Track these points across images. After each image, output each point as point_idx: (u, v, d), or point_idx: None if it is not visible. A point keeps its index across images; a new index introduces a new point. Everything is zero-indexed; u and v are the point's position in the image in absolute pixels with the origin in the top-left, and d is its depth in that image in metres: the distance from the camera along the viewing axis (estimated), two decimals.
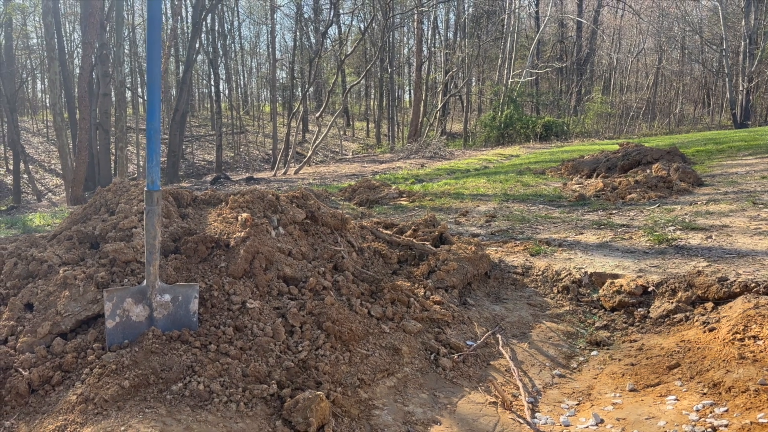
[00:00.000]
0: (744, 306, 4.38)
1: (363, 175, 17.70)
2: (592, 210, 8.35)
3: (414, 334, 4.20)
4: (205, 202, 4.62)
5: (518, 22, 35.02)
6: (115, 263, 3.78)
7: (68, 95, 23.28)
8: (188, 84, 22.99)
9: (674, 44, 41.89)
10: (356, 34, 35.57)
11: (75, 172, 15.66)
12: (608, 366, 4.21)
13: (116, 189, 4.41)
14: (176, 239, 4.00)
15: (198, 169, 29.72)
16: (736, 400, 3.39)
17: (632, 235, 6.56)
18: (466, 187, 11.73)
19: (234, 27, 39.46)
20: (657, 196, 8.76)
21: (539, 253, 6.13)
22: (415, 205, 9.74)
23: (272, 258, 4.13)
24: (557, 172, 13.16)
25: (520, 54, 36.17)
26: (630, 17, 42.03)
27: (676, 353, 4.12)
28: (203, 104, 44.73)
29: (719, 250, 5.67)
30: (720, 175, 10.56)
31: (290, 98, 33.29)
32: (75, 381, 3.14)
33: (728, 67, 36.20)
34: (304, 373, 3.42)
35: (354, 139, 40.58)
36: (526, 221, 7.85)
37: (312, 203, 4.96)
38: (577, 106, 37.20)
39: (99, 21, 16.63)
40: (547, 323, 4.91)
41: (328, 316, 3.82)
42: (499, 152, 23.93)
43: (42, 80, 36.72)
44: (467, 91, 37.36)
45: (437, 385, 3.83)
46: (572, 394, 3.88)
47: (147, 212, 3.23)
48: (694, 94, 46.31)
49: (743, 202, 7.73)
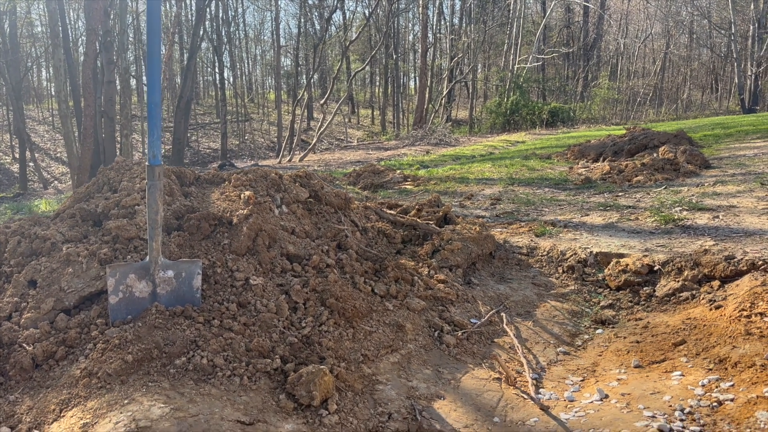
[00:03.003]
0: (751, 283, 4.34)
1: (368, 162, 17.66)
2: (598, 192, 8.30)
3: (418, 311, 4.18)
4: (208, 182, 4.61)
5: (524, 7, 34.72)
6: (117, 240, 3.78)
7: (73, 83, 23.25)
8: (192, 71, 22.93)
9: (682, 29, 41.43)
10: (361, 20, 35.36)
11: (80, 160, 15.69)
12: (613, 344, 4.19)
13: (119, 167, 4.40)
14: (179, 217, 3.99)
15: (203, 157, 29.73)
16: (742, 375, 3.37)
17: (638, 216, 6.51)
18: (471, 172, 11.68)
19: (238, 14, 39.30)
20: (664, 178, 8.70)
21: (544, 233, 6.10)
22: (420, 189, 9.70)
23: (275, 236, 4.12)
24: (563, 156, 13.08)
25: (527, 39, 35.87)
26: (637, 2, 41.57)
27: (681, 330, 4.09)
28: (208, 92, 44.66)
29: (726, 229, 5.62)
30: (728, 158, 10.47)
31: (295, 85, 33.19)
32: (79, 356, 3.15)
33: (737, 51, 35.81)
34: (308, 348, 3.41)
35: (359, 127, 40.46)
36: (531, 204, 7.81)
37: (315, 183, 4.94)
38: (583, 91, 36.93)
39: (103, 8, 16.58)
40: (552, 302, 4.89)
41: (332, 293, 3.81)
42: (505, 138, 23.81)
43: (47, 68, 36.74)
44: (473, 77, 37.13)
45: (441, 362, 3.82)
46: (577, 371, 3.87)
47: (149, 187, 3.22)
48: (702, 79, 45.85)
49: (751, 183, 7.65)
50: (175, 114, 21.71)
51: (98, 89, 19.08)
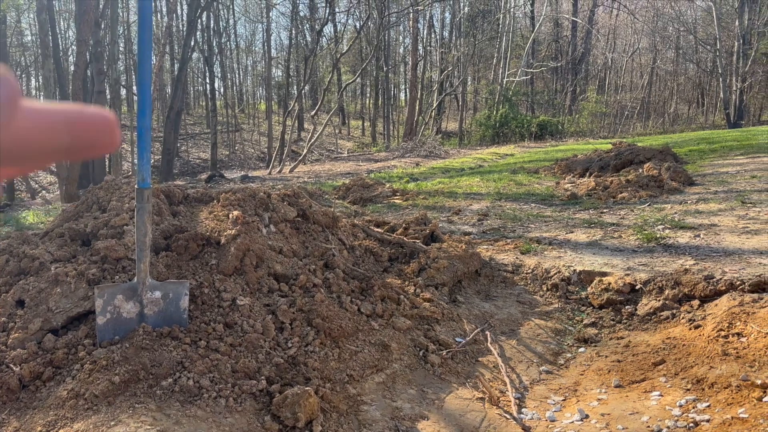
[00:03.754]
0: (729, 303, 4.44)
1: (358, 174, 17.74)
2: (583, 209, 8.41)
3: (403, 330, 4.24)
4: (197, 200, 4.66)
5: (513, 21, 35.10)
6: (106, 260, 3.81)
7: (62, 93, 23.21)
8: (183, 82, 22.97)
9: (669, 44, 42.02)
10: (352, 33, 35.57)
11: (69, 170, 15.65)
12: (595, 362, 4.27)
13: (108, 187, 4.44)
14: (167, 237, 4.03)
15: (193, 167, 29.69)
16: (719, 396, 3.45)
17: (622, 233, 6.62)
18: (459, 186, 11.78)
19: (229, 25, 39.41)
20: (648, 195, 8.83)
21: (529, 251, 6.18)
22: (409, 204, 9.78)
23: (263, 255, 4.17)
24: (551, 171, 13.22)
25: (516, 53, 36.24)
26: (625, 17, 42.14)
27: (661, 350, 4.18)
28: (198, 102, 44.65)
29: (707, 248, 5.73)
30: (711, 175, 10.64)
31: (286, 96, 33.28)
32: (66, 377, 3.18)
33: (722, 67, 36.36)
34: (294, 369, 3.46)
35: (349, 138, 40.58)
36: (517, 220, 7.90)
37: (303, 201, 4.99)
38: (572, 105, 37.31)
39: (94, 18, 16.62)
40: (536, 320, 4.96)
41: (318, 313, 3.86)
42: (494, 151, 23.99)
43: (36, 77, 36.61)
44: (463, 90, 37.40)
45: (426, 381, 3.87)
46: (559, 390, 3.93)
47: (138, 209, 3.26)
48: (689, 93, 46.45)
49: (732, 201, 7.80)
50: (165, 124, 21.73)
51: (88, 99, 19.07)
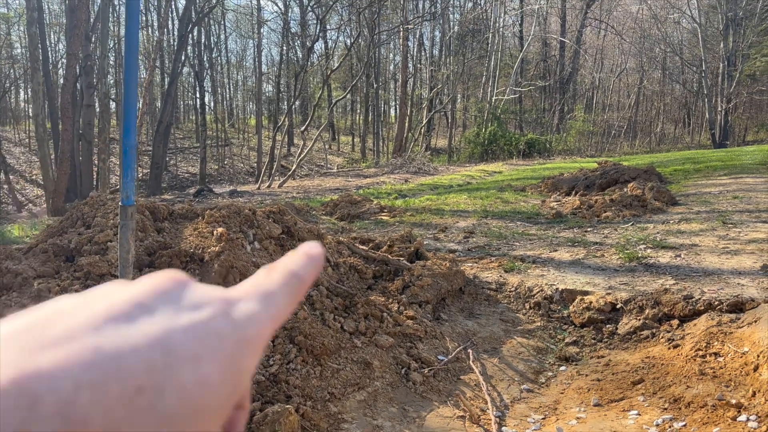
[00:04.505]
0: (707, 323, 4.51)
1: (347, 189, 17.80)
2: (567, 227, 8.50)
3: (386, 348, 4.27)
4: (182, 217, 4.68)
5: (502, 40, 35.53)
6: (89, 276, 3.82)
7: (51, 105, 23.17)
8: (173, 96, 23.02)
9: (655, 65, 42.69)
10: (342, 50, 35.86)
11: (56, 183, 15.58)
12: (575, 381, 4.31)
13: (93, 203, 4.45)
14: (151, 253, 4.05)
15: (181, 181, 29.63)
16: (695, 415, 3.50)
17: (604, 252, 6.70)
18: (447, 203, 11.86)
19: (221, 40, 39.59)
20: (631, 214, 8.94)
21: (513, 269, 6.24)
22: (396, 221, 9.83)
23: (247, 272, 4.19)
24: (537, 189, 13.34)
25: (504, 72, 36.65)
26: (612, 38, 42.80)
27: (641, 369, 4.23)
28: (188, 116, 44.67)
29: (687, 268, 5.82)
30: (694, 195, 10.79)
31: (276, 111, 33.39)
32: None
33: (707, 88, 36.96)
34: (275, 386, 3.47)
35: (339, 153, 40.71)
36: (503, 238, 7.97)
37: (288, 218, 5.03)
38: (559, 123, 37.70)
39: (84, 32, 16.67)
40: (518, 339, 5.00)
41: (301, 330, 3.88)
42: (483, 168, 24.17)
43: (25, 90, 36.50)
44: (452, 107, 37.71)
45: (407, 399, 3.90)
46: (539, 409, 3.97)
47: (121, 226, 3.29)
48: (675, 113, 47.12)
49: (713, 222, 7.92)
50: (154, 138, 21.73)
51: (77, 113, 19.06)
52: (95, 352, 0.24)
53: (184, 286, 0.29)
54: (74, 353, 0.23)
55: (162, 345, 0.25)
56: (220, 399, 0.26)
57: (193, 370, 0.25)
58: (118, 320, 0.26)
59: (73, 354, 0.23)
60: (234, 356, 0.27)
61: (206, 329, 0.27)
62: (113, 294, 0.27)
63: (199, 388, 0.25)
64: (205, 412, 0.25)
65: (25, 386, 0.22)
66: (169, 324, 0.26)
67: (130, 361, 0.24)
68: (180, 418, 0.24)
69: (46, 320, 0.25)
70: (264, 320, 0.29)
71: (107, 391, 0.23)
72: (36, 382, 0.22)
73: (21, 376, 0.22)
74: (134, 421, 0.23)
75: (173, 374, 0.25)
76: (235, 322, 0.28)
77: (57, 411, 0.22)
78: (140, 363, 0.24)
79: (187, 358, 0.25)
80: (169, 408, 0.24)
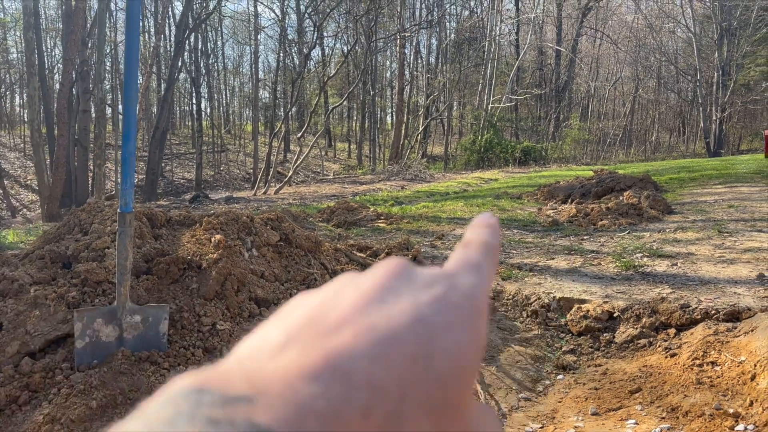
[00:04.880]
0: (704, 332, 4.52)
1: (343, 196, 17.80)
2: (564, 235, 8.52)
3: None
4: (180, 223, 4.67)
5: (498, 49, 35.69)
6: (86, 283, 3.81)
7: (47, 111, 23.13)
8: (169, 102, 23.02)
9: (650, 74, 42.95)
10: (339, 57, 35.95)
11: (51, 189, 15.54)
12: (573, 390, 4.31)
13: (90, 209, 4.44)
14: (148, 260, 4.04)
15: (177, 187, 29.58)
16: (692, 425, 3.50)
17: (601, 261, 6.72)
18: (443, 211, 11.87)
19: (217, 46, 39.66)
20: (627, 222, 8.97)
21: (510, 277, 6.24)
22: (393, 228, 9.83)
23: (244, 280, 4.18)
24: (533, 197, 13.38)
25: (500, 80, 36.80)
26: (607, 47, 43.07)
27: (638, 378, 4.23)
28: (184, 122, 44.66)
29: (683, 277, 5.84)
30: (689, 203, 10.84)
31: (272, 118, 33.42)
32: (42, 401, 3.15)
33: (702, 97, 37.20)
34: None
35: (335, 160, 40.75)
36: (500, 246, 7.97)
37: (286, 225, 5.03)
38: (555, 132, 37.85)
39: (80, 38, 16.66)
40: (516, 347, 5.00)
41: None
42: (479, 176, 24.22)
43: (21, 95, 36.43)
44: (448, 114, 37.82)
45: None
46: (537, 418, 3.96)
47: (119, 233, 3.28)
48: (670, 122, 47.40)
49: (709, 231, 7.95)
50: (150, 144, 21.71)
51: (73, 118, 19.03)
52: (373, 331, 0.27)
53: (411, 268, 0.33)
54: (358, 334, 0.27)
55: (419, 319, 0.29)
56: (475, 358, 0.30)
57: (449, 337, 0.29)
58: (375, 303, 0.29)
59: (357, 334, 0.27)
60: (474, 321, 0.31)
61: (446, 302, 0.31)
62: (356, 283, 0.32)
63: (458, 351, 0.29)
64: (466, 371, 0.29)
65: (336, 364, 0.25)
66: (416, 301, 0.30)
67: (402, 334, 0.28)
68: (450, 379, 0.28)
69: (319, 312, 0.29)
70: (483, 287, 0.33)
71: (394, 362, 0.27)
72: (343, 360, 0.26)
73: (329, 356, 0.26)
74: (418, 385, 0.27)
75: (436, 342, 0.28)
76: (465, 293, 0.32)
77: (365, 382, 0.25)
78: (410, 335, 0.28)
79: (442, 327, 0.29)
80: (440, 371, 0.28)
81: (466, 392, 0.29)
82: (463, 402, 0.29)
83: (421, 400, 0.27)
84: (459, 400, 0.29)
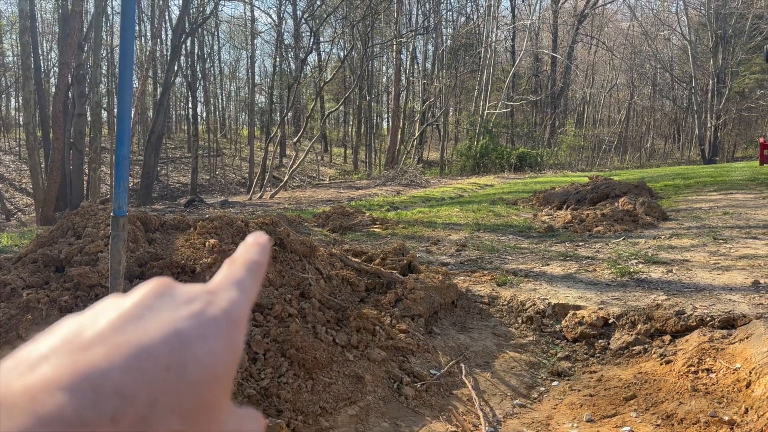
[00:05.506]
0: (699, 339, 4.52)
1: (339, 201, 17.78)
2: (559, 241, 8.52)
3: (378, 362, 4.24)
4: (174, 227, 4.65)
5: (494, 55, 35.80)
6: (79, 287, 3.78)
7: (42, 114, 23.05)
8: (165, 106, 22.99)
9: (645, 81, 43.16)
10: (336, 62, 35.98)
11: (46, 192, 15.47)
12: (568, 396, 4.30)
13: (84, 213, 4.41)
14: (142, 264, 4.01)
15: (173, 191, 29.51)
16: None
17: (596, 267, 6.71)
18: (439, 216, 11.87)
19: (214, 51, 39.66)
20: (623, 229, 8.98)
21: (506, 283, 6.24)
22: (388, 233, 9.82)
23: None
24: (529, 203, 13.39)
25: (496, 86, 36.91)
26: (603, 54, 43.26)
27: (633, 385, 4.22)
28: (180, 126, 44.58)
29: (678, 284, 5.84)
30: (684, 210, 10.86)
31: (268, 122, 33.40)
32: None
33: (697, 104, 37.37)
34: (266, 401, 3.43)
35: (331, 165, 40.75)
36: (495, 251, 7.97)
37: (281, 230, 5.01)
38: (550, 138, 37.95)
39: (77, 41, 16.64)
40: (511, 353, 4.99)
41: (293, 343, 3.85)
42: (475, 181, 24.24)
43: (16, 98, 36.33)
44: (444, 120, 37.89)
45: (399, 414, 3.86)
46: (531, 424, 3.95)
47: (113, 237, 3.26)
48: (665, 129, 47.60)
49: (704, 237, 7.96)
50: (146, 148, 21.66)
51: (68, 122, 18.97)
52: (126, 346, 0.30)
53: (173, 287, 0.35)
54: (112, 349, 0.29)
55: (174, 332, 0.31)
56: (228, 366, 0.33)
57: (203, 348, 0.32)
58: (133, 320, 0.32)
59: (111, 350, 0.29)
60: (229, 333, 0.34)
61: (203, 316, 0.33)
62: (117, 304, 0.33)
63: (211, 359, 0.32)
64: (219, 377, 0.32)
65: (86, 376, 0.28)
66: (174, 316, 0.32)
67: (154, 347, 0.30)
68: (202, 384, 0.31)
69: (75, 332, 0.31)
70: (243, 302, 0.36)
71: (145, 372, 0.29)
72: (92, 372, 0.28)
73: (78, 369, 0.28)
74: (170, 391, 0.29)
75: (189, 352, 0.31)
76: (223, 308, 0.34)
77: (114, 392, 0.28)
78: (163, 347, 0.30)
79: (196, 339, 0.32)
80: (193, 377, 0.30)
81: (221, 396, 0.32)
82: (217, 405, 0.32)
83: (173, 404, 0.29)
84: (213, 403, 0.31)
